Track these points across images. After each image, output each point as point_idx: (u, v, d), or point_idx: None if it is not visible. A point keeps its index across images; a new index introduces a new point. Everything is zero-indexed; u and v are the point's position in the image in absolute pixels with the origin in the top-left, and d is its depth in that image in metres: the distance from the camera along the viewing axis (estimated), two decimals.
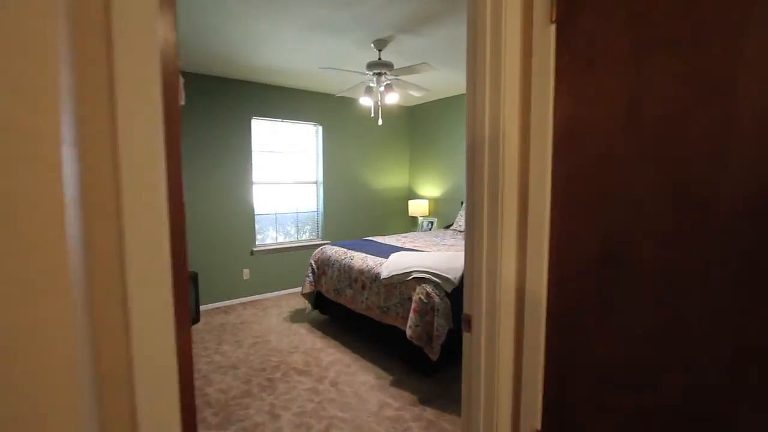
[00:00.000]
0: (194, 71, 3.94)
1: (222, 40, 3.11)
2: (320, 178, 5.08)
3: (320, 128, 5.01)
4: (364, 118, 5.36)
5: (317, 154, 5.07)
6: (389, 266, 2.91)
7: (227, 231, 4.31)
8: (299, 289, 4.81)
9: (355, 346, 3.24)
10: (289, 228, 4.91)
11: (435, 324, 2.55)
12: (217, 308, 4.26)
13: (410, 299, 2.72)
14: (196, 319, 3.81)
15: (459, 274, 2.71)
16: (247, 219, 4.45)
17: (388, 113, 5.60)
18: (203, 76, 4.05)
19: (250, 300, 4.53)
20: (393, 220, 5.81)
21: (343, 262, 3.40)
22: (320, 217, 5.13)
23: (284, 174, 4.80)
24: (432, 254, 3.04)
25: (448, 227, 4.94)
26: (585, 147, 1.00)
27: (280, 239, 4.84)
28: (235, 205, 4.35)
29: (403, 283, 2.79)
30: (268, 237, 4.74)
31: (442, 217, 5.43)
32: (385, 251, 3.41)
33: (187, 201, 3.92)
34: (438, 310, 2.56)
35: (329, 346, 3.28)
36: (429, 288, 2.64)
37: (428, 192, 5.63)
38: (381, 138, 5.57)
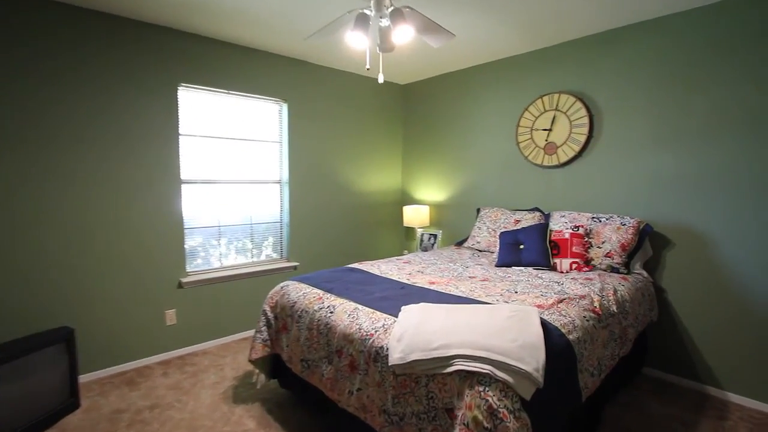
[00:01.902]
0: (75, 2, 2.46)
1: None
2: (285, 177, 3.66)
3: (285, 107, 3.60)
4: (346, 93, 3.99)
5: (281, 143, 3.66)
6: (405, 337, 1.56)
7: (138, 254, 2.84)
8: (251, 333, 3.38)
9: None
10: (238, 245, 3.48)
11: None
12: (118, 374, 2.77)
13: (451, 410, 1.39)
14: (71, 405, 2.32)
15: (542, 359, 1.41)
16: (171, 235, 2.98)
17: (376, 92, 4.25)
18: (93, 12, 2.56)
19: (176, 356, 3.05)
20: (383, 232, 4.47)
21: (318, 315, 2.02)
22: (285, 229, 3.72)
23: (233, 170, 3.35)
24: (479, 313, 1.70)
25: (460, 244, 3.65)
26: None
27: (227, 262, 3.40)
28: (151, 214, 2.88)
29: (436, 377, 1.46)
30: (206, 260, 3.28)
31: (447, 228, 4.13)
32: (390, 296, 2.06)
33: (63, 209, 2.43)
34: None
35: None
36: (492, 394, 1.31)
37: (428, 196, 4.32)
38: (368, 124, 4.21)
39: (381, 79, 2.15)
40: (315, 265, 3.82)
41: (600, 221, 2.78)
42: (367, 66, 2.04)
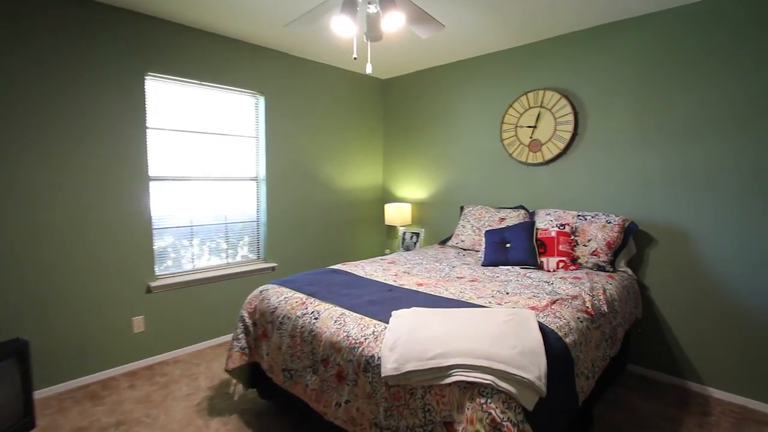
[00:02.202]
0: None
1: None
2: (262, 173, 3.49)
3: (262, 100, 3.42)
4: (326, 87, 3.84)
5: (257, 138, 3.47)
6: (398, 346, 1.46)
7: (101, 257, 2.61)
8: (227, 338, 3.21)
9: None
10: (212, 246, 3.28)
11: None
12: (80, 388, 2.55)
13: (450, 424, 1.30)
14: (25, 426, 2.09)
15: (544, 366, 1.34)
16: (138, 236, 2.76)
17: (356, 87, 4.12)
18: None
19: (144, 366, 2.85)
20: (364, 231, 4.35)
21: (301, 321, 1.89)
22: (262, 229, 3.54)
23: (206, 166, 3.15)
24: (474, 318, 1.61)
25: (444, 242, 3.58)
26: None
27: (200, 263, 3.20)
28: (116, 214, 2.65)
29: (433, 388, 1.36)
30: (178, 262, 3.08)
31: (430, 226, 4.06)
32: (378, 300, 1.95)
33: (8, 211, 2.19)
34: None
35: None
36: (495, 406, 1.23)
37: (410, 193, 4.23)
38: (348, 119, 4.08)
39: (369, 70, 2.03)
40: (294, 266, 3.66)
41: (585, 219, 2.76)
42: (354, 55, 1.91)
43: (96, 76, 2.51)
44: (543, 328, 1.58)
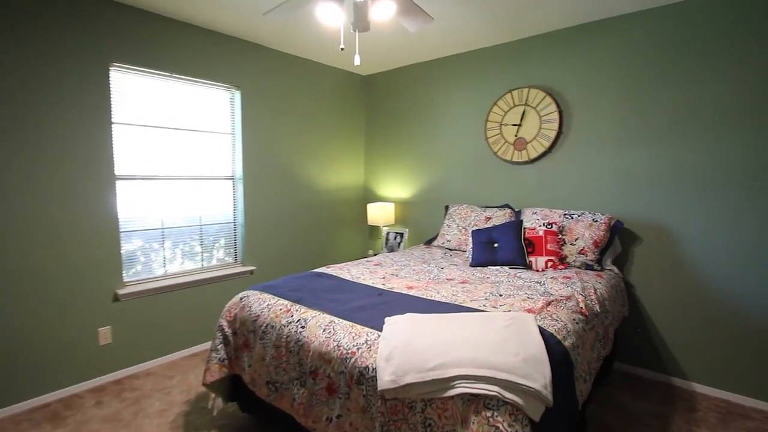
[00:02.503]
0: None
1: None
2: (238, 172, 3.31)
3: (237, 95, 3.25)
4: (306, 81, 3.70)
5: (234, 134, 3.30)
6: (395, 356, 1.36)
7: (61, 264, 2.39)
8: (203, 347, 3.04)
9: None
10: (185, 249, 3.09)
11: None
12: (39, 408, 2.32)
13: None
14: None
15: (548, 373, 1.28)
16: (104, 239, 2.55)
17: (336, 82, 4.00)
18: None
19: (112, 380, 2.64)
20: (346, 232, 4.23)
21: (286, 330, 1.77)
22: (239, 230, 3.37)
23: (179, 164, 2.96)
24: (472, 323, 1.53)
25: (429, 242, 3.51)
26: None
27: (172, 268, 3.00)
28: (78, 216, 2.44)
29: (434, 401, 1.27)
30: (148, 267, 2.87)
31: (413, 226, 3.99)
32: (368, 305, 1.84)
33: None
34: None
35: None
36: (502, 419, 1.16)
37: (393, 192, 4.15)
38: (329, 116, 3.94)
39: (357, 61, 1.92)
40: (274, 269, 3.51)
41: (572, 218, 2.75)
42: (342, 46, 1.80)
43: (57, 68, 2.29)
44: (542, 332, 1.52)
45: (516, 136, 3.17)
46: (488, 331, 1.44)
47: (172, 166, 2.92)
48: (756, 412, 2.29)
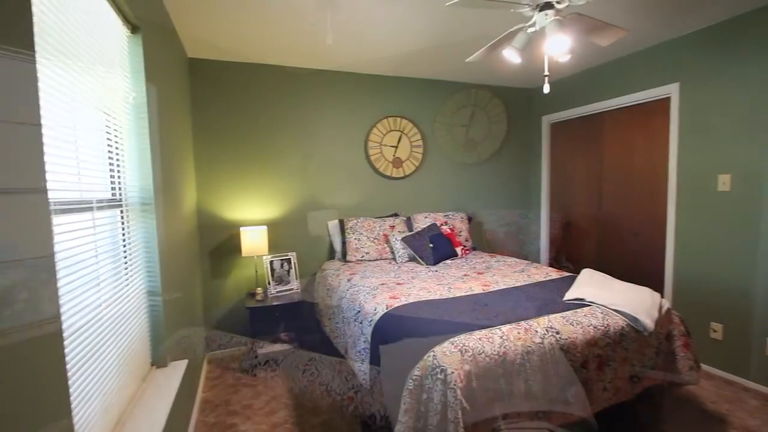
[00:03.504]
0: None
1: None
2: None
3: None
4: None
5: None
6: (633, 309, 2.02)
7: None
8: None
9: None
10: None
11: None
12: None
13: (670, 337, 2.13)
14: None
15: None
16: None
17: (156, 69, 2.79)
18: None
19: None
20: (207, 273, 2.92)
21: (537, 349, 1.77)
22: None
23: None
24: (615, 285, 2.40)
25: (344, 259, 3.34)
26: None
27: None
28: None
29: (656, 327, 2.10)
30: None
31: (295, 249, 3.46)
32: (490, 309, 2.12)
33: None
34: None
35: None
36: (676, 314, 2.22)
37: (251, 214, 3.36)
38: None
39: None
40: None
41: (450, 217, 3.83)
42: (545, 88, 1.88)
43: None
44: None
45: (394, 155, 3.78)
46: (627, 287, 2.39)
47: None
48: None
